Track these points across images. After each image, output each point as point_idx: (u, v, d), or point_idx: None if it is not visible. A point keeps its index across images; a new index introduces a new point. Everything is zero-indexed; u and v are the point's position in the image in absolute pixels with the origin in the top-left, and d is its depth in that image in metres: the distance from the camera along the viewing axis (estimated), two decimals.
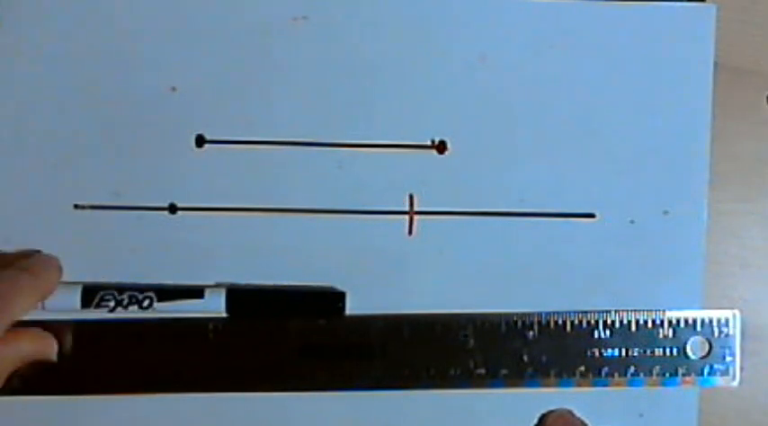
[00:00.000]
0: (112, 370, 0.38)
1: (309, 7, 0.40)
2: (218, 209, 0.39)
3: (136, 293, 0.38)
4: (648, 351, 0.39)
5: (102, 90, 0.37)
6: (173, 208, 0.39)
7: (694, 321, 0.40)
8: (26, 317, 0.36)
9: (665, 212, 0.40)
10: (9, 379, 0.36)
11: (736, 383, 0.40)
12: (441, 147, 0.40)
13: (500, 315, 0.39)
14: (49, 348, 0.38)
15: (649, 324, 0.40)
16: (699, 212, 0.40)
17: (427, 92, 0.40)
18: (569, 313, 0.39)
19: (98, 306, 0.38)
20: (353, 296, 0.39)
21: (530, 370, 0.39)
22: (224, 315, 0.38)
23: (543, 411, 0.40)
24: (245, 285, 0.39)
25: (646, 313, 0.40)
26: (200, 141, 0.39)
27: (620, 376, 0.39)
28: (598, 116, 0.40)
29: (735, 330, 0.40)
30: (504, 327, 0.39)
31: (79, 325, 0.38)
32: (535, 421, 0.40)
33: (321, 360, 0.39)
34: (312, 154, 0.39)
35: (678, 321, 0.40)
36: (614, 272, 0.40)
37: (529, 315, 0.39)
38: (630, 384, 0.40)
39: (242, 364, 0.39)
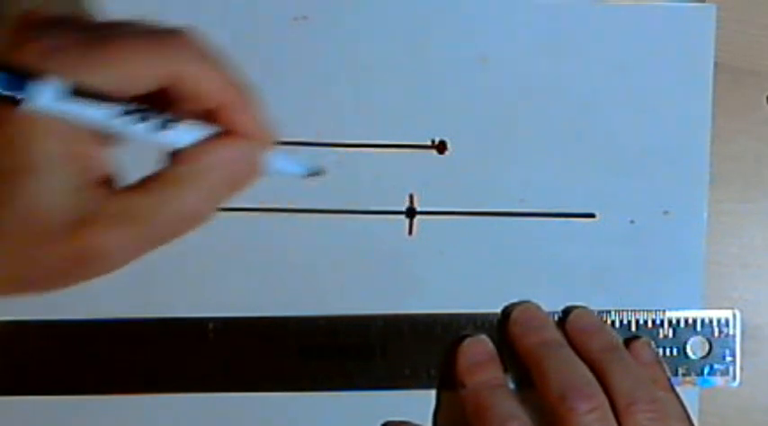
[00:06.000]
0: (112, 370, 0.38)
1: (309, 7, 0.39)
2: (217, 209, 0.39)
3: None
4: None
5: None
6: None
7: (694, 321, 0.40)
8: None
9: (665, 212, 0.40)
10: None
11: (736, 383, 0.40)
12: (441, 147, 0.40)
13: (500, 315, 0.40)
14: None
15: (649, 324, 0.40)
16: (699, 212, 0.40)
17: (427, 92, 0.40)
18: None
19: None
20: (354, 296, 0.39)
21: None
22: None
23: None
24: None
25: (646, 313, 0.40)
26: None
27: None
28: (598, 116, 0.40)
29: (735, 330, 0.40)
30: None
31: (79, 325, 0.38)
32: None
33: (321, 360, 0.39)
34: (312, 153, 0.39)
35: (678, 321, 0.40)
36: (614, 272, 0.40)
37: None
38: None
39: (242, 364, 0.39)
